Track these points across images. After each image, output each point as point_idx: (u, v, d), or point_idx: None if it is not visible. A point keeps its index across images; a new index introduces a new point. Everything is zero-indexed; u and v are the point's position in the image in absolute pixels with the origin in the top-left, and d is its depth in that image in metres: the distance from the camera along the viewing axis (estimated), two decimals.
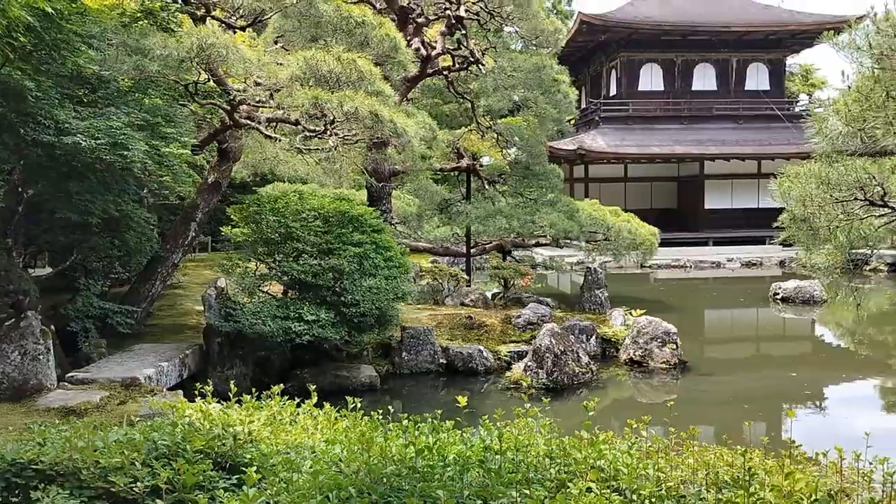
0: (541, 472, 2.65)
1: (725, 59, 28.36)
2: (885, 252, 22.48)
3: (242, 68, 6.31)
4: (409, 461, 2.62)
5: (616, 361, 10.81)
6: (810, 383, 10.25)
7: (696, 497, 2.54)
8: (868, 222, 5.46)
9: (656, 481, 2.69)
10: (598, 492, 2.45)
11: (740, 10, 28.09)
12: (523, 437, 3.11)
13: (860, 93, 3.67)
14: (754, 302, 17.88)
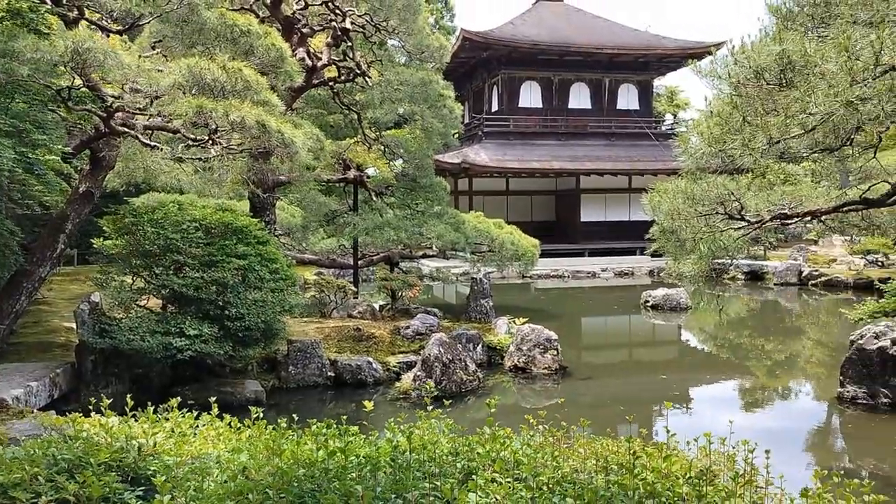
0: (447, 466, 2.77)
1: (599, 80, 29.88)
2: (742, 262, 24.41)
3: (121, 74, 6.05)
4: (320, 463, 2.66)
5: (501, 368, 11.12)
6: (678, 384, 10.96)
7: (589, 480, 2.74)
8: (728, 234, 5.97)
9: (553, 469, 2.88)
10: (501, 481, 2.60)
11: (611, 34, 29.72)
12: (428, 436, 3.20)
13: (720, 117, 4.05)
14: (627, 309, 18.88)
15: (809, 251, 25.82)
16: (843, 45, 3.18)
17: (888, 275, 19.45)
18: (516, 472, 2.75)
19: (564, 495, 2.45)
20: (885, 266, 22.86)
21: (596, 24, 30.79)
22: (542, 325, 11.39)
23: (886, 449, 7.97)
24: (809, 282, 22.42)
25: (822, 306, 19.62)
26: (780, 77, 3.54)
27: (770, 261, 24.59)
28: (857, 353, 9.11)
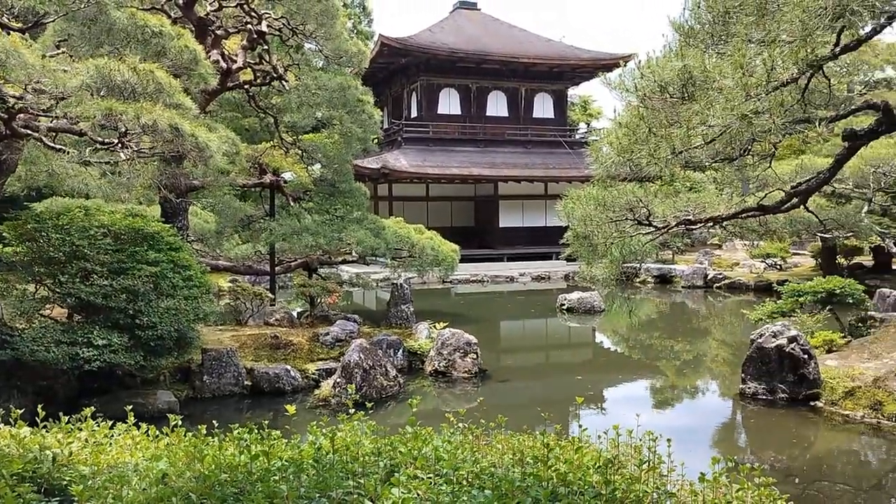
0: (371, 466, 2.81)
1: (515, 88, 30.47)
2: (652, 266, 25.37)
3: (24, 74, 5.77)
4: (243, 467, 2.64)
5: (422, 373, 11.19)
6: (593, 385, 11.31)
7: (506, 473, 2.83)
8: (637, 239, 6.24)
9: (473, 463, 2.97)
10: (423, 477, 2.66)
11: (527, 44, 30.39)
12: (350, 438, 3.23)
13: (628, 127, 4.25)
14: (544, 313, 19.31)
15: (714, 255, 27.09)
16: (739, 62, 3.41)
17: (785, 277, 20.65)
18: (437, 467, 2.82)
19: (483, 488, 2.54)
20: (782, 269, 24.23)
21: (512, 33, 31.41)
22: (463, 329, 11.53)
23: (784, 441, 8.47)
24: (714, 284, 23.51)
25: (725, 308, 20.61)
26: (683, 91, 3.76)
27: (678, 265, 25.66)
28: (757, 351, 9.64)
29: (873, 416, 8.68)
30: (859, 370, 9.62)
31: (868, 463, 8.09)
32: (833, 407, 9.11)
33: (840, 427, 8.75)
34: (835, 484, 7.08)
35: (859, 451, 8.39)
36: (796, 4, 3.19)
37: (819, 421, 8.97)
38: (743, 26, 3.61)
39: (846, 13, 3.15)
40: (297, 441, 3.51)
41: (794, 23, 3.23)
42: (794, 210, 7.53)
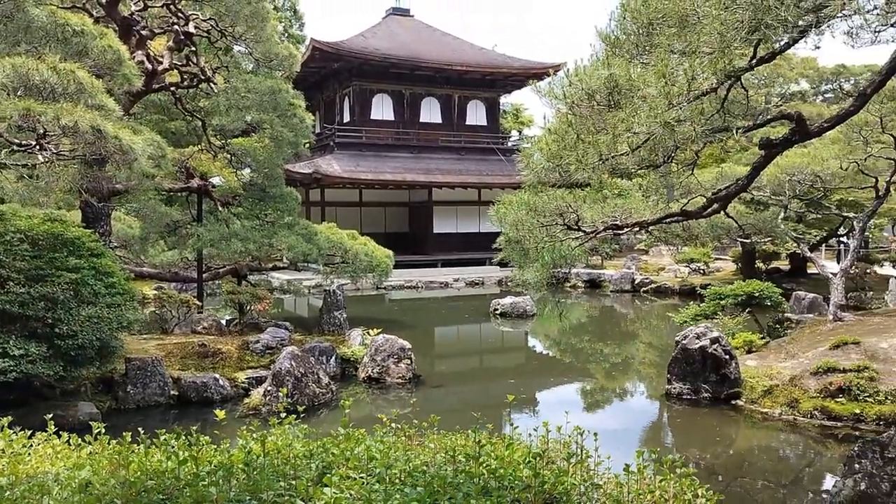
0: (303, 468, 2.78)
1: (448, 95, 30.66)
2: (583, 271, 25.90)
3: None
4: (170, 473, 2.57)
5: (356, 380, 11.11)
6: (526, 388, 11.45)
7: (438, 470, 2.85)
8: (567, 244, 6.36)
9: (405, 462, 2.98)
10: (355, 477, 2.66)
11: (460, 52, 30.64)
12: (282, 441, 3.19)
13: (557, 134, 4.34)
14: (477, 318, 19.46)
15: (641, 261, 27.88)
16: (662, 71, 3.54)
17: (708, 281, 21.41)
18: (370, 467, 2.83)
19: (416, 485, 2.55)
20: (705, 273, 25.11)
21: (445, 40, 31.62)
22: (397, 335, 11.50)
23: (708, 439, 8.78)
24: (641, 289, 24.17)
25: (652, 311, 21.21)
26: (609, 99, 3.87)
27: (607, 270, 26.28)
28: (682, 352, 9.96)
29: (790, 413, 9.09)
30: (777, 369, 10.05)
31: (786, 459, 8.45)
32: (753, 405, 9.49)
33: (760, 424, 9.12)
34: (756, 480, 7.36)
35: (778, 447, 8.76)
36: (715, 17, 3.34)
37: (740, 419, 9.33)
38: (665, 37, 3.74)
39: (761, 27, 3.31)
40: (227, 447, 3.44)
41: (713, 35, 3.38)
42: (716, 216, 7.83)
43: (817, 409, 8.89)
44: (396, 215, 31.25)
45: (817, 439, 8.48)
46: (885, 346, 9.94)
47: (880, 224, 25.74)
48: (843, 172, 13.35)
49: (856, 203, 17.62)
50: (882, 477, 4.22)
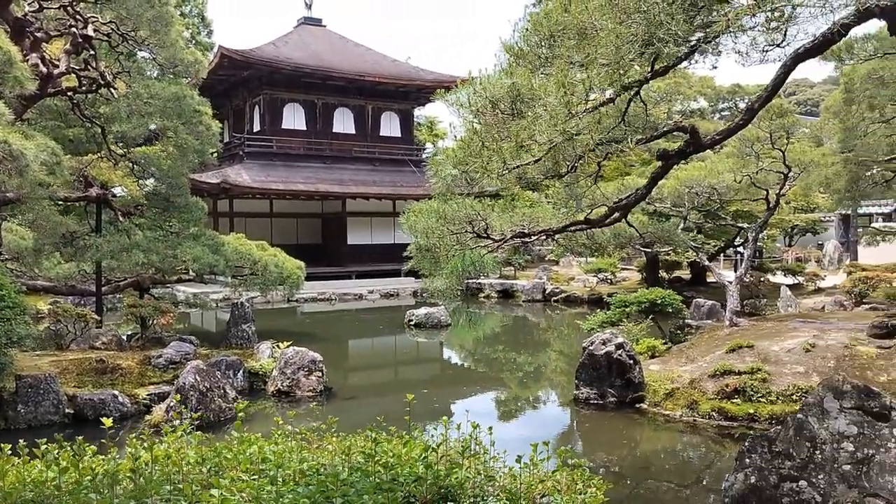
0: (193, 473, 2.70)
1: (362, 106, 30.55)
2: (495, 281, 26.26)
3: None
4: (51, 482, 2.43)
5: (265, 394, 10.84)
6: (440, 398, 11.47)
7: (333, 469, 2.83)
8: (477, 251, 6.44)
9: (299, 462, 2.94)
10: (246, 478, 2.60)
11: (374, 63, 30.62)
12: (174, 448, 3.08)
13: (463, 141, 4.40)
14: (392, 329, 19.38)
15: (552, 271, 28.50)
16: (561, 81, 3.65)
17: (615, 290, 22.10)
18: (262, 469, 2.78)
19: (308, 485, 2.52)
20: (613, 283, 25.92)
21: (358, 51, 31.54)
22: (309, 348, 11.30)
23: (614, 443, 9.03)
24: (552, 298, 24.71)
25: (562, 320, 21.70)
26: (512, 108, 3.96)
27: (519, 280, 26.73)
28: (589, 358, 10.23)
29: (690, 414, 9.47)
30: (678, 373, 10.47)
31: (687, 459, 8.78)
32: (656, 408, 9.83)
33: (662, 426, 9.46)
34: (661, 482, 7.61)
35: (679, 448, 9.10)
36: (611, 31, 3.47)
37: (644, 421, 9.65)
38: (566, 49, 3.86)
39: (654, 40, 3.47)
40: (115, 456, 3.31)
41: (609, 47, 3.51)
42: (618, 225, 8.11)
43: (715, 410, 9.30)
44: (309, 227, 30.80)
45: (715, 439, 8.86)
46: (776, 349, 10.52)
47: (773, 235, 27.27)
48: (737, 185, 14.10)
49: (750, 214, 18.63)
50: (770, 470, 4.45)
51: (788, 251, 30.50)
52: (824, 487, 4.28)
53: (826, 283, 22.21)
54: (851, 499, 4.20)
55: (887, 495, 4.16)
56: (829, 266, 27.92)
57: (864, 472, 4.26)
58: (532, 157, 4.78)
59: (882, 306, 15.46)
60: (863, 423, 4.44)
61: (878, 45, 11.77)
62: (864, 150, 15.79)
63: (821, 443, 4.43)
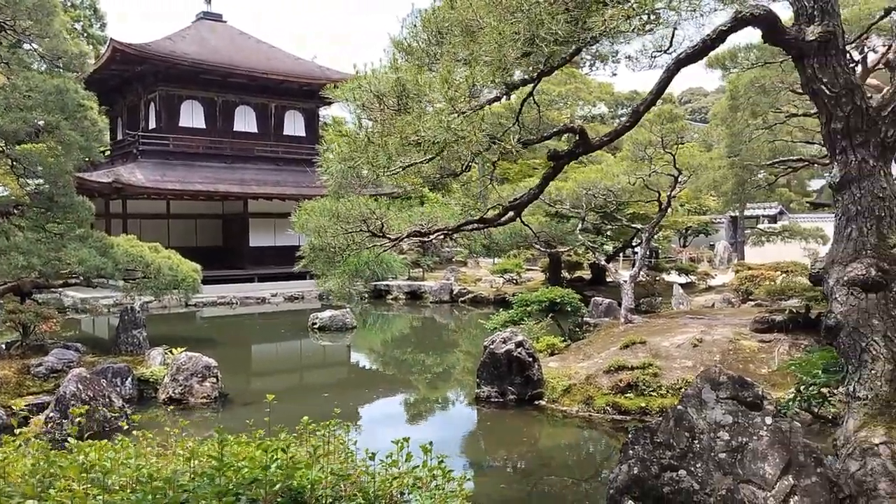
0: (23, 486, 2.53)
1: (265, 104, 29.81)
2: (403, 283, 26.21)
3: None
4: None
5: (156, 402, 10.37)
6: (343, 403, 11.28)
7: (174, 475, 2.71)
8: (377, 252, 6.36)
9: (136, 469, 2.82)
10: (78, 487, 2.47)
11: (277, 60, 29.95)
12: (9, 460, 2.88)
13: (349, 136, 4.33)
14: (296, 333, 18.99)
15: (460, 272, 28.71)
16: (445, 77, 3.64)
17: (521, 290, 22.47)
18: (97, 477, 2.64)
19: (145, 492, 2.40)
20: (518, 283, 26.35)
21: (261, 48, 30.78)
22: (207, 353, 10.91)
23: (514, 440, 9.14)
24: (459, 299, 24.89)
25: (470, 320, 21.88)
26: (399, 103, 3.92)
27: (427, 282, 26.77)
28: (490, 356, 10.33)
29: (586, 410, 9.72)
30: (575, 369, 10.73)
31: (582, 453, 9.01)
32: (554, 404, 10.04)
33: (560, 422, 9.66)
34: (561, 477, 7.76)
35: (575, 443, 9.32)
36: (494, 28, 3.49)
37: (543, 418, 9.82)
38: (452, 46, 3.85)
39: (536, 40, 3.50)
40: None
41: (492, 44, 3.52)
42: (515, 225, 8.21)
43: (609, 404, 9.58)
44: (209, 228, 29.76)
45: (610, 433, 9.12)
46: (666, 345, 10.95)
47: (667, 236, 28.46)
48: (631, 187, 14.62)
49: (646, 216, 19.35)
50: (652, 461, 4.59)
51: (683, 251, 31.92)
52: (702, 475, 4.45)
53: (716, 282, 23.35)
54: (726, 485, 4.38)
55: (759, 481, 4.36)
56: (719, 265, 29.40)
57: (738, 460, 4.46)
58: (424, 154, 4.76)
59: (766, 303, 16.40)
60: (737, 412, 4.65)
61: (760, 55, 12.48)
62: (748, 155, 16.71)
63: (699, 432, 4.61)
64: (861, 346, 4.97)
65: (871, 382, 4.87)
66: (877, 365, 4.88)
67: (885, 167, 5.52)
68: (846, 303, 5.08)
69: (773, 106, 14.79)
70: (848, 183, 5.42)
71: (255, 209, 28.05)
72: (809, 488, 4.36)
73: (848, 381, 5.05)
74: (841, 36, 5.50)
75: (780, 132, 16.18)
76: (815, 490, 4.36)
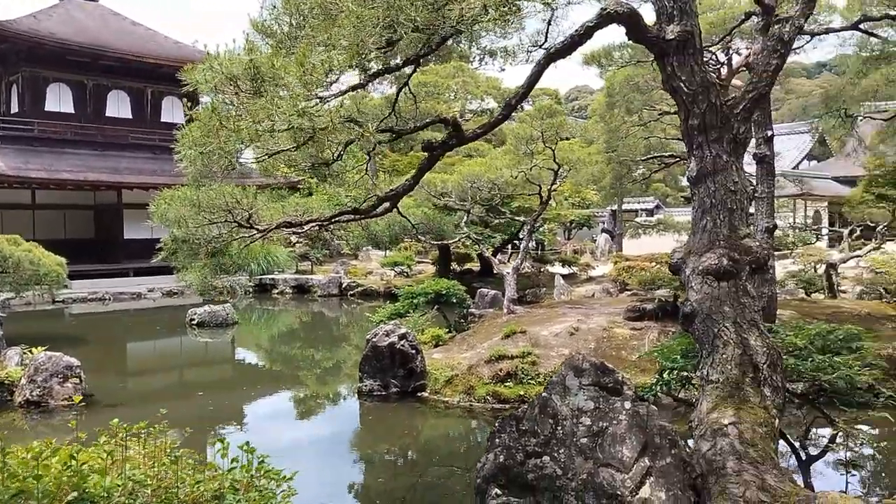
0: None
1: (140, 90, 28.29)
2: (289, 276, 25.64)
3: None
4: None
5: (11, 405, 9.62)
6: (217, 402, 10.89)
7: None
8: (241, 242, 6.11)
9: None
10: None
11: (154, 44, 28.47)
12: None
13: (201, 120, 4.10)
14: (173, 330, 18.17)
15: (350, 265, 28.37)
16: (301, 60, 3.50)
17: (411, 283, 22.47)
18: None
19: None
20: (409, 276, 26.32)
21: (136, 31, 29.16)
22: (72, 353, 10.23)
23: (397, 433, 9.09)
24: (348, 292, 24.60)
25: (358, 314, 21.67)
26: (254, 86, 3.74)
27: (316, 275, 26.30)
28: (372, 350, 10.22)
29: (467, 400, 9.80)
30: (458, 360, 10.80)
31: (466, 443, 9.08)
32: (436, 395, 10.06)
33: (442, 413, 9.70)
34: (444, 467, 7.76)
35: (458, 433, 9.39)
36: (352, 12, 3.38)
37: (425, 409, 9.83)
38: (311, 29, 3.72)
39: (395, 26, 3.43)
40: None
41: (350, 28, 3.42)
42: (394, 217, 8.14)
43: (490, 393, 9.70)
44: (79, 220, 27.91)
45: (490, 421, 9.22)
46: (545, 334, 11.23)
47: (552, 229, 29.28)
48: (514, 181, 14.88)
49: (530, 209, 19.80)
50: (517, 448, 4.64)
51: (567, 244, 32.97)
52: (564, 461, 4.54)
53: (597, 273, 24.24)
54: (587, 470, 4.49)
55: (617, 464, 4.50)
56: (600, 257, 30.56)
57: (598, 444, 4.58)
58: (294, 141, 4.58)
59: (640, 293, 17.16)
60: (598, 398, 4.77)
61: (633, 53, 13.00)
62: (625, 151, 17.44)
63: (562, 419, 4.70)
64: (714, 332, 5.23)
65: (722, 366, 5.13)
66: (727, 350, 5.14)
67: (737, 162, 5.83)
68: (700, 291, 5.33)
69: (647, 103, 15.47)
70: (704, 177, 5.68)
71: (130, 199, 26.54)
72: (664, 469, 4.53)
73: (702, 366, 5.31)
74: (698, 35, 5.76)
75: (654, 129, 16.97)
76: (669, 471, 4.53)
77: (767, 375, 5.07)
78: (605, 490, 4.40)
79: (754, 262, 5.49)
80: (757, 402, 4.92)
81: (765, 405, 4.96)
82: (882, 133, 17.72)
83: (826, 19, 12.70)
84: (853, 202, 15.94)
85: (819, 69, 67.15)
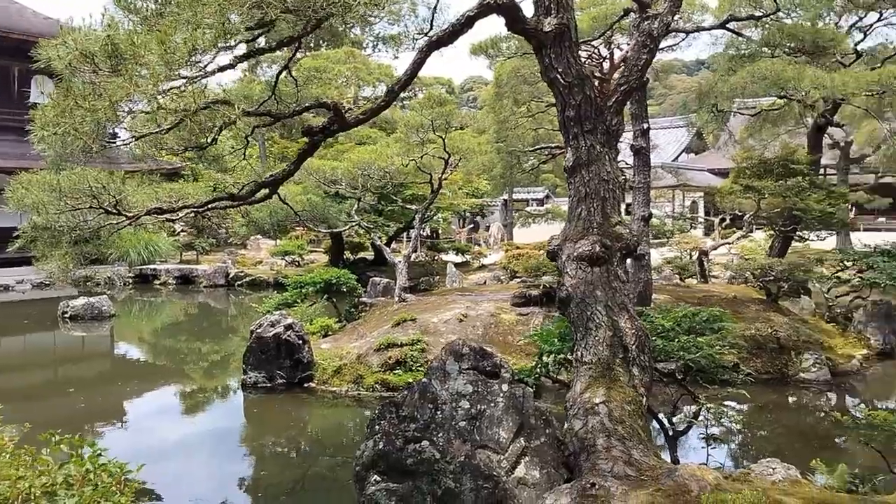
0: None
1: (6, 67, 26.28)
2: (172, 266, 24.62)
3: None
4: None
5: None
6: (100, 398, 10.32)
7: None
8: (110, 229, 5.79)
9: None
10: None
11: (21, 19, 26.49)
12: None
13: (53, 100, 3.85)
14: (43, 324, 17.05)
15: (239, 255, 27.51)
16: (161, 38, 3.34)
17: (303, 273, 22.06)
18: None
19: None
20: (300, 265, 25.83)
21: (6, 6, 27.00)
22: None
23: (283, 425, 8.93)
24: (236, 283, 23.85)
25: (246, 304, 21.07)
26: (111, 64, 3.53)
27: (201, 265, 25.34)
28: (257, 341, 9.98)
29: (356, 389, 9.76)
30: (347, 349, 10.72)
31: (353, 432, 9.01)
32: (324, 385, 9.96)
33: (330, 403, 9.61)
34: (334, 457, 7.66)
35: (345, 422, 9.31)
36: None
37: (312, 400, 9.71)
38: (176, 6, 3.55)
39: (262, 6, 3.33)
40: None
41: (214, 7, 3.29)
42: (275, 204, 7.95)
43: (378, 382, 9.70)
44: None
45: None
46: (435, 321, 11.32)
47: (446, 218, 29.52)
48: (406, 169, 14.88)
49: (423, 197, 19.87)
50: (397, 434, 4.66)
51: (462, 232, 33.36)
52: (443, 444, 4.61)
53: (489, 261, 24.67)
54: (465, 452, 4.57)
55: (494, 445, 4.61)
56: (493, 245, 31.11)
57: (476, 427, 4.67)
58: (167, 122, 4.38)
59: (529, 279, 17.61)
60: (477, 381, 4.87)
61: (520, 45, 13.22)
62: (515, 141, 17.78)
63: (441, 403, 4.76)
64: (587, 315, 5.43)
65: (594, 348, 5.35)
66: (599, 332, 5.36)
67: (610, 153, 6.06)
68: (575, 276, 5.53)
69: (534, 95, 15.82)
70: (579, 167, 5.88)
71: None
72: (539, 448, 4.69)
73: (577, 348, 5.51)
74: (574, 29, 5.94)
75: (542, 120, 17.39)
76: (543, 450, 4.69)
77: (636, 356, 5.32)
78: (482, 471, 4.50)
79: (625, 248, 5.75)
80: (626, 382, 5.16)
81: (633, 384, 5.21)
82: (750, 128, 18.94)
83: (699, 18, 13.41)
84: (724, 193, 16.97)
85: (698, 66, 70.80)
